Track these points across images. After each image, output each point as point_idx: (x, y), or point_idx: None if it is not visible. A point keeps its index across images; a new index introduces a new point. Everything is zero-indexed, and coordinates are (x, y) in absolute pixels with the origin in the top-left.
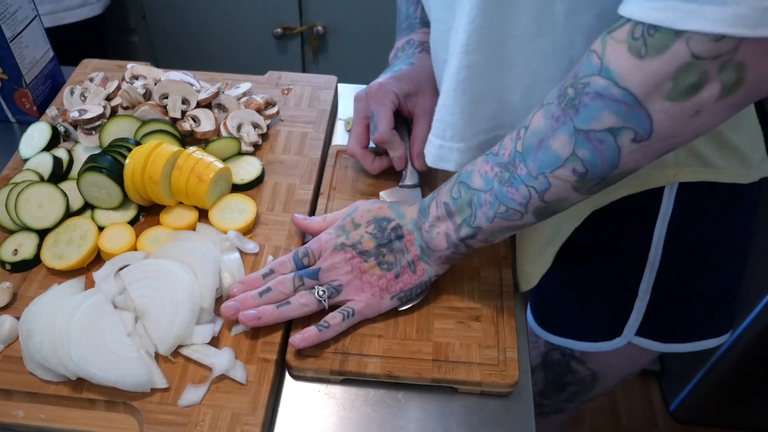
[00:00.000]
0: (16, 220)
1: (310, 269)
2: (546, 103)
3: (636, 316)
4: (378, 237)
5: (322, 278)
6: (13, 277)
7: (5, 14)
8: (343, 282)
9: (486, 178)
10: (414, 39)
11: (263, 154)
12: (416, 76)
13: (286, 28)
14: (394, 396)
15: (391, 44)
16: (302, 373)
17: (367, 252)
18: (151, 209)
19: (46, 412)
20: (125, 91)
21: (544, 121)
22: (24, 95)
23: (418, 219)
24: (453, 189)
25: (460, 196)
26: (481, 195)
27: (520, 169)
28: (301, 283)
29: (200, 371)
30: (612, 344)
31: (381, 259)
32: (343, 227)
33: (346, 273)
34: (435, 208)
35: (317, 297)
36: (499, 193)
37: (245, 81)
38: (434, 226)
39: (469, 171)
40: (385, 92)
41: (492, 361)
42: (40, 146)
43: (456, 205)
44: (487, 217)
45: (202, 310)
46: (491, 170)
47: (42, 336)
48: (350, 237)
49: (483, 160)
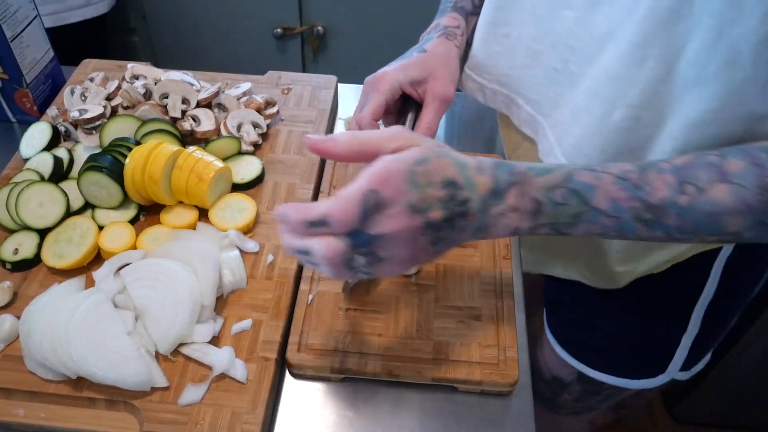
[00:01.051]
0: (16, 219)
1: (372, 236)
2: (736, 183)
3: (681, 353)
4: (448, 208)
5: (375, 247)
6: (13, 276)
7: (6, 14)
8: (394, 255)
9: (616, 205)
10: (440, 23)
11: (263, 154)
12: (426, 62)
13: (286, 28)
14: (394, 395)
15: (391, 44)
16: (302, 371)
17: (432, 224)
18: (151, 208)
19: (46, 411)
20: (125, 91)
21: (731, 199)
22: (24, 95)
23: (488, 198)
24: (557, 192)
25: (567, 204)
26: (599, 216)
27: (671, 220)
28: (351, 253)
29: (200, 370)
30: (653, 382)
31: (436, 234)
32: (415, 177)
33: (401, 245)
34: (516, 197)
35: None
36: (628, 225)
37: (245, 81)
38: (505, 216)
39: (588, 184)
40: (385, 81)
41: (492, 360)
42: (40, 146)
43: (554, 210)
44: (587, 232)
45: (203, 309)
46: (627, 200)
47: (42, 335)
48: (423, 196)
49: (614, 183)
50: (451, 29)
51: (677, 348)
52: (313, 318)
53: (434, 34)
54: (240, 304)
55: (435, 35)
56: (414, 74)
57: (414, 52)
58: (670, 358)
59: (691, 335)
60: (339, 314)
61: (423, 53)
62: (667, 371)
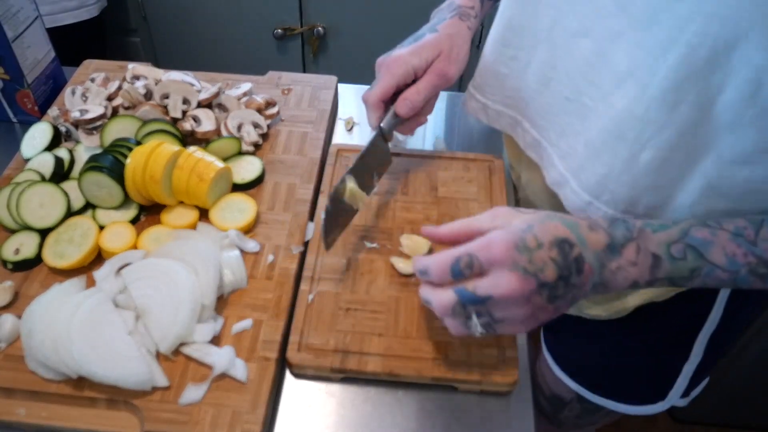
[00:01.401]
0: (17, 219)
1: (476, 296)
2: None
3: (682, 381)
4: (561, 266)
5: (489, 308)
6: (14, 276)
7: (7, 14)
8: (509, 317)
9: (732, 260)
10: (455, 2)
11: (263, 154)
12: (438, 43)
13: (286, 29)
14: (394, 394)
15: (391, 44)
16: (303, 371)
17: (546, 285)
18: (152, 209)
19: (47, 411)
20: (126, 92)
21: None
22: (25, 95)
23: (604, 254)
24: (675, 247)
25: (685, 259)
26: (716, 271)
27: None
28: (461, 311)
29: (201, 370)
30: (652, 408)
31: (554, 293)
32: (524, 242)
33: (516, 307)
34: (635, 253)
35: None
36: (743, 279)
37: (246, 81)
38: (623, 270)
39: (705, 240)
40: (399, 64)
41: (492, 360)
42: (41, 146)
43: (672, 265)
44: (705, 284)
45: (204, 309)
46: (743, 256)
47: (43, 335)
48: (533, 260)
49: (731, 239)
50: (465, 9)
51: (678, 376)
52: (313, 318)
53: (447, 13)
54: (240, 304)
55: (448, 15)
56: (426, 55)
57: (426, 33)
58: (670, 386)
59: (693, 363)
60: (339, 314)
61: (435, 34)
62: (667, 398)
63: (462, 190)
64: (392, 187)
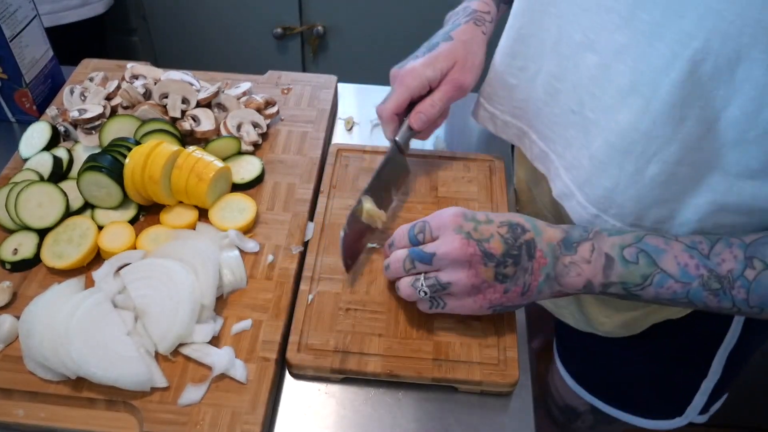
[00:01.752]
0: (16, 219)
1: (424, 253)
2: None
3: (701, 398)
4: (509, 243)
5: (435, 264)
6: (13, 276)
7: (5, 14)
8: (453, 281)
9: (684, 271)
10: (471, 6)
11: (263, 154)
12: (452, 53)
13: (286, 28)
14: (394, 395)
15: (391, 44)
16: (302, 371)
17: (491, 256)
18: (151, 208)
19: (46, 412)
20: (125, 91)
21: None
22: (24, 95)
23: (557, 247)
24: (628, 251)
25: (637, 264)
26: (668, 280)
27: (738, 293)
28: (412, 266)
29: (200, 370)
30: (670, 424)
31: (501, 269)
32: (473, 215)
33: (460, 270)
34: (589, 251)
35: (418, 292)
36: (696, 293)
37: (245, 81)
38: (576, 266)
39: (658, 248)
40: (413, 77)
41: (492, 360)
42: (40, 146)
43: (625, 268)
44: (658, 297)
45: (203, 309)
46: (696, 268)
47: (42, 335)
48: (479, 229)
49: (684, 250)
50: (481, 14)
51: (696, 393)
52: (313, 318)
53: (462, 17)
54: (240, 304)
55: (463, 19)
56: (441, 66)
57: (440, 41)
58: (688, 403)
59: (712, 380)
60: (339, 314)
61: (449, 42)
62: (684, 415)
63: (462, 190)
64: None
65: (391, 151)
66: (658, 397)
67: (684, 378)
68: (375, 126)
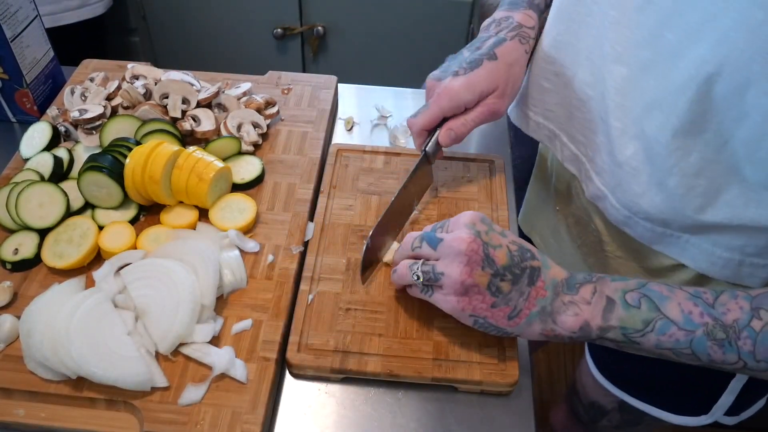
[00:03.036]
0: (16, 219)
1: (434, 236)
2: None
3: (728, 397)
4: (514, 260)
5: (438, 251)
6: (13, 276)
7: (6, 14)
8: (446, 273)
9: (688, 319)
10: (515, 19)
11: (263, 154)
12: (495, 76)
13: (286, 28)
14: (394, 395)
15: (391, 44)
16: (302, 371)
17: (492, 263)
18: (152, 208)
19: (46, 411)
20: (126, 91)
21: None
22: (24, 95)
23: (560, 284)
24: (631, 295)
25: (639, 308)
26: (671, 327)
27: (745, 344)
28: (419, 245)
29: (200, 370)
30: (696, 420)
31: (496, 281)
32: (491, 223)
33: (457, 264)
34: (591, 293)
35: (412, 275)
36: (699, 343)
37: (245, 81)
38: (575, 306)
39: (662, 294)
40: (450, 97)
41: (492, 360)
42: (40, 146)
43: (627, 312)
44: (659, 345)
45: (203, 309)
46: (700, 316)
47: (42, 335)
48: (491, 235)
49: (689, 298)
50: (526, 30)
51: (724, 392)
52: (313, 318)
53: (507, 31)
54: (240, 304)
55: (509, 34)
56: (480, 89)
57: (484, 59)
58: (715, 401)
59: (740, 380)
60: (339, 314)
61: (493, 62)
62: (710, 413)
63: (462, 189)
64: (392, 187)
65: (420, 162)
66: (686, 393)
67: (712, 375)
68: (375, 126)
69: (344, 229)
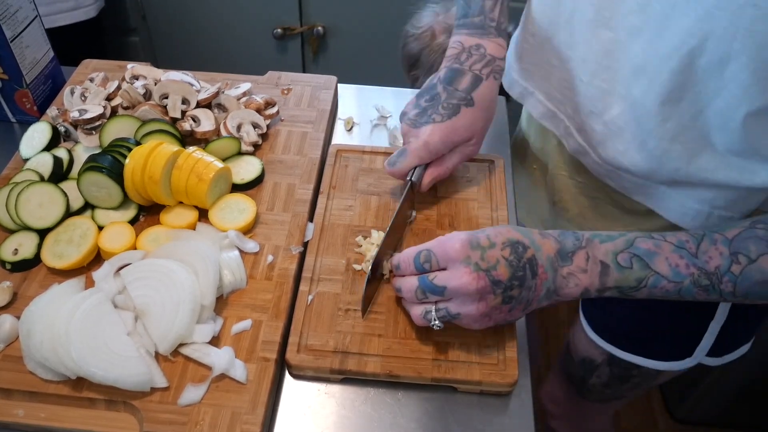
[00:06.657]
0: (16, 219)
1: (435, 286)
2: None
3: (708, 338)
4: (514, 266)
5: (447, 296)
6: (13, 276)
7: (6, 14)
8: (463, 313)
9: (676, 271)
10: (485, 49)
11: (263, 154)
12: (472, 126)
13: (286, 29)
14: (393, 395)
15: (391, 45)
16: (302, 372)
17: (499, 283)
18: (151, 209)
19: (46, 412)
20: (125, 91)
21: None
22: (24, 95)
23: (555, 259)
24: (622, 256)
25: (631, 268)
26: (661, 281)
27: (726, 287)
28: (424, 297)
29: (200, 370)
30: (681, 364)
31: (507, 293)
32: (477, 242)
33: (471, 303)
34: (584, 260)
35: (432, 325)
36: (688, 290)
37: (245, 81)
38: (574, 276)
39: (649, 251)
40: (427, 150)
41: (492, 360)
42: (40, 146)
43: (621, 274)
44: (651, 295)
45: (203, 309)
46: (686, 267)
47: (42, 335)
48: (486, 258)
49: (673, 251)
50: (499, 62)
51: (704, 334)
52: (312, 318)
53: (481, 66)
54: (240, 305)
55: (484, 71)
56: (459, 140)
57: (462, 105)
58: (697, 344)
59: (718, 322)
60: (339, 314)
61: (470, 109)
62: (693, 355)
63: (462, 190)
64: (392, 188)
65: (407, 192)
66: (669, 341)
67: (693, 320)
68: (375, 126)
69: (344, 230)
